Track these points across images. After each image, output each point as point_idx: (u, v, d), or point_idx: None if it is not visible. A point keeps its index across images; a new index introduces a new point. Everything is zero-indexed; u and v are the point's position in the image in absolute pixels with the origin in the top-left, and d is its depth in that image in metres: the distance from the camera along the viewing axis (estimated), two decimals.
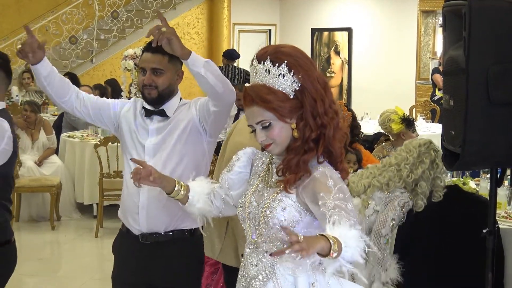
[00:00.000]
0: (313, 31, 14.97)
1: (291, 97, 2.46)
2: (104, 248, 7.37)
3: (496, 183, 3.58)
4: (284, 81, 2.45)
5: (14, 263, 3.72)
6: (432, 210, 4.31)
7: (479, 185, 5.37)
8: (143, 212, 3.36)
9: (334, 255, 2.15)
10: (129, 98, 8.72)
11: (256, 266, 2.58)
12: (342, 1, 14.77)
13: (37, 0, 13.81)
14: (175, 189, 2.80)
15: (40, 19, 13.17)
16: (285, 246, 2.44)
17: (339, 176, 2.48)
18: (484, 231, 3.57)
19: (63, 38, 13.36)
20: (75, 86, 3.45)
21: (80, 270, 6.77)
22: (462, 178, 5.62)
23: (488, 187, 3.83)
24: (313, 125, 2.47)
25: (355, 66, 14.41)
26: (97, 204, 8.22)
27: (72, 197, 8.70)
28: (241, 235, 3.56)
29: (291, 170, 2.48)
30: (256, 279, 2.56)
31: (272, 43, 15.62)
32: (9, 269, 3.68)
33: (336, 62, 14.75)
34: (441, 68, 10.77)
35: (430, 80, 12.59)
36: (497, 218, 3.98)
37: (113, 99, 3.59)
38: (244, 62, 14.08)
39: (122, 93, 9.45)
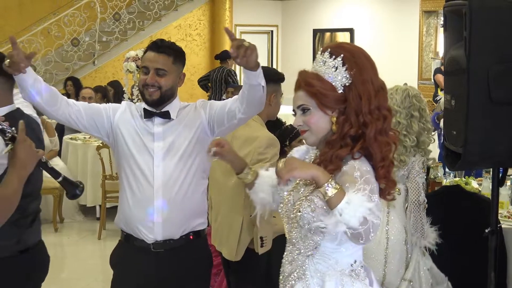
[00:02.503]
0: (315, 32, 14.98)
1: (339, 91, 2.46)
2: (107, 250, 7.36)
3: (498, 183, 3.59)
4: (336, 74, 2.46)
5: (27, 276, 3.42)
6: (434, 210, 4.30)
7: (481, 185, 5.37)
8: (159, 219, 3.29)
9: (328, 189, 2.24)
10: (131, 100, 8.74)
11: (291, 264, 2.59)
12: (344, 2, 14.78)
13: (39, 2, 13.81)
14: (244, 171, 2.87)
15: (42, 22, 13.18)
16: (316, 248, 2.47)
17: (369, 169, 2.43)
18: (487, 230, 3.58)
19: (65, 41, 13.37)
20: (62, 95, 3.31)
21: (83, 272, 6.77)
22: (464, 178, 5.62)
23: (490, 187, 3.84)
24: (354, 122, 2.46)
25: None
26: (100, 206, 8.23)
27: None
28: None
29: (325, 164, 2.47)
30: (290, 277, 2.58)
31: (274, 44, 15.66)
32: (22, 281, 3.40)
33: None
34: (443, 68, 10.77)
35: (432, 80, 12.58)
36: (499, 217, 3.98)
37: (104, 105, 3.46)
38: None
39: (125, 95, 9.45)
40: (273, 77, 3.98)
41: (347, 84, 2.46)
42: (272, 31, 15.75)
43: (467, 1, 3.17)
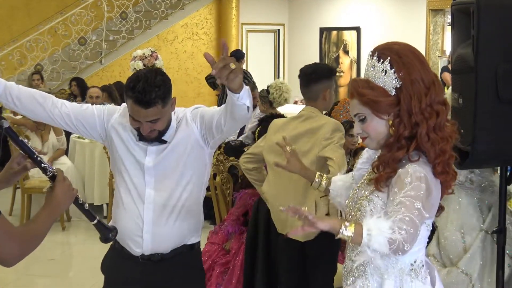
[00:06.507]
0: (322, 30, 14.95)
1: (392, 94, 2.47)
2: None
3: (505, 181, 3.58)
4: (386, 78, 2.47)
5: None
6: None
7: None
8: (148, 236, 3.22)
9: (345, 232, 2.27)
10: None
11: (352, 262, 2.61)
12: (351, 1, 14.75)
13: (46, 1, 13.84)
14: (316, 180, 3.03)
15: (49, 21, 13.20)
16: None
17: (423, 174, 2.42)
18: (494, 229, 3.57)
19: (72, 40, 13.40)
20: (48, 97, 3.25)
21: (90, 270, 6.77)
22: None
23: (498, 185, 3.83)
24: (407, 123, 2.47)
25: (364, 65, 14.35)
26: (107, 204, 8.25)
27: (82, 198, 8.67)
28: None
29: (383, 167, 2.50)
30: (351, 273, 2.61)
31: (281, 43, 15.64)
32: None
33: (345, 61, 14.73)
34: (450, 67, 10.75)
35: (440, 79, 12.57)
36: (507, 216, 3.97)
37: (99, 107, 3.31)
38: (252, 62, 14.07)
39: None
40: (326, 73, 4.24)
41: (398, 86, 2.47)
42: (278, 30, 15.72)
43: None
